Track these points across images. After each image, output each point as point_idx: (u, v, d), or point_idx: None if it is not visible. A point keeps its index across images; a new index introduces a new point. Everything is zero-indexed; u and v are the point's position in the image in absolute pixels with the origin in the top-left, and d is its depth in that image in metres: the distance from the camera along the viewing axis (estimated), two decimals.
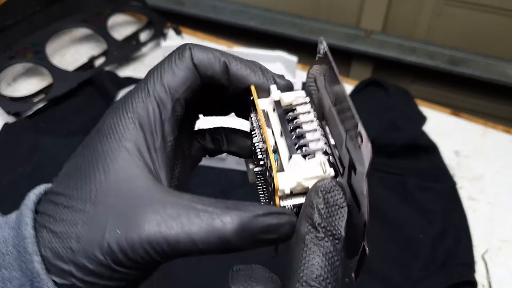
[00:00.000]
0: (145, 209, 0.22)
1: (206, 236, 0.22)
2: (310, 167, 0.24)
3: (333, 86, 0.25)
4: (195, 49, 0.25)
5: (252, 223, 0.22)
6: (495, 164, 0.77)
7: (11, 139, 0.77)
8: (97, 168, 0.23)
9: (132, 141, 0.24)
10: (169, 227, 0.22)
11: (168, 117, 0.25)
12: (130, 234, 0.22)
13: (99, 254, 0.22)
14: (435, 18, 1.11)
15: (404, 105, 0.80)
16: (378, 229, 0.67)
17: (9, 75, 0.89)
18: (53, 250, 0.22)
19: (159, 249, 0.22)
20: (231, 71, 0.26)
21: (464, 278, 0.61)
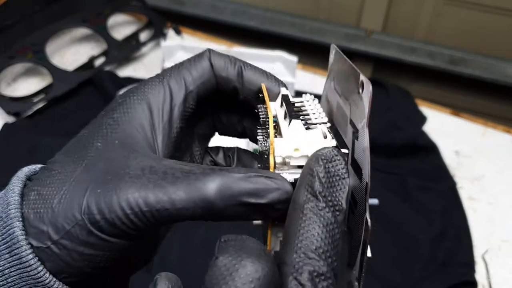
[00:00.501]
0: (128, 174, 0.22)
1: (186, 197, 0.21)
2: (311, 134, 0.23)
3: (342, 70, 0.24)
4: (214, 52, 0.27)
5: (236, 183, 0.21)
6: (495, 164, 0.77)
7: (11, 139, 0.77)
8: (96, 138, 0.24)
9: (136, 117, 0.25)
10: (148, 188, 0.21)
11: (178, 104, 0.25)
12: (109, 194, 0.21)
13: (77, 213, 0.21)
14: (435, 18, 1.11)
15: (404, 105, 0.80)
16: (378, 229, 0.67)
17: (9, 75, 0.89)
18: (36, 211, 0.22)
19: (137, 211, 0.21)
20: (244, 74, 0.27)
21: (464, 278, 0.61)
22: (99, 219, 0.21)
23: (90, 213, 0.21)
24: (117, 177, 0.22)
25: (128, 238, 0.22)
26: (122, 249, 0.22)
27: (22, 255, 0.21)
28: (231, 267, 0.18)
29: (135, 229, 0.22)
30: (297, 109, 0.25)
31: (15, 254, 0.22)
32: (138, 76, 0.90)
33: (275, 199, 0.21)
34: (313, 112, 0.25)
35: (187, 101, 0.26)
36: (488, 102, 1.17)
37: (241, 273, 0.18)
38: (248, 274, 0.18)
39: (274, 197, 0.21)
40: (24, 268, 0.22)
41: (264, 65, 0.92)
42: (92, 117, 0.87)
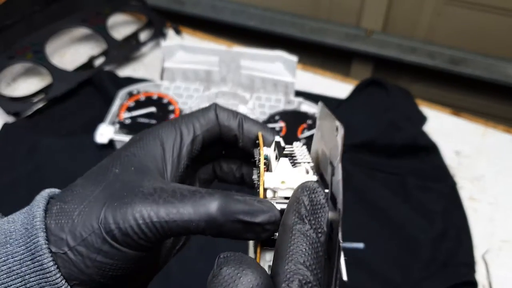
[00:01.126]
0: (142, 192, 0.25)
1: (193, 210, 0.24)
2: (296, 170, 0.28)
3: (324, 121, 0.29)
4: (219, 106, 0.32)
5: (235, 203, 0.25)
6: (496, 164, 0.77)
7: (10, 139, 0.77)
8: (115, 165, 0.28)
9: (150, 151, 0.29)
10: (159, 203, 0.25)
11: (187, 145, 0.30)
12: (124, 206, 0.25)
13: (94, 223, 0.25)
14: (435, 18, 1.11)
15: (405, 105, 0.80)
16: (379, 229, 0.67)
17: (9, 75, 0.89)
18: (57, 221, 0.25)
19: (149, 222, 0.24)
20: (244, 124, 0.31)
21: (465, 278, 0.61)
22: (113, 228, 0.24)
23: (107, 222, 0.24)
24: (132, 193, 0.25)
25: (138, 249, 0.25)
26: (131, 259, 0.25)
27: (43, 262, 0.24)
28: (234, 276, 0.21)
29: (145, 239, 0.25)
30: (287, 152, 0.30)
31: (37, 261, 0.24)
32: (138, 76, 0.90)
33: (265, 220, 0.25)
34: (300, 154, 0.29)
35: (194, 143, 0.30)
36: (489, 102, 1.17)
37: (243, 281, 0.21)
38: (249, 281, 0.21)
39: (265, 218, 0.25)
40: (43, 274, 0.24)
41: (264, 64, 0.92)
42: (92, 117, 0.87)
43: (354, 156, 0.74)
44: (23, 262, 0.24)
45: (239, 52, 0.80)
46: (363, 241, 0.64)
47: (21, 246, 0.25)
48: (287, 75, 0.80)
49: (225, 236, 0.25)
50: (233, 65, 0.80)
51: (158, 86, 0.83)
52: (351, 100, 0.83)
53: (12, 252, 0.25)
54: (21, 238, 0.25)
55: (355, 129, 0.77)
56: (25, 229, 0.25)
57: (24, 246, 0.25)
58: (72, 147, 0.75)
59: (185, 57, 0.84)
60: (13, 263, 0.24)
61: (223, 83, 0.83)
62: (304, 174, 0.27)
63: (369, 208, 0.68)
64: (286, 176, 0.27)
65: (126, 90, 0.81)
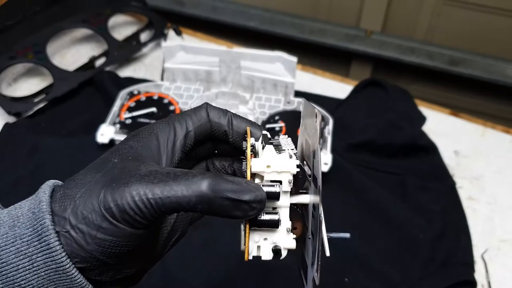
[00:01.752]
0: (139, 173, 0.27)
1: (185, 188, 0.26)
2: (280, 155, 0.30)
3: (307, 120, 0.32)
4: (210, 105, 0.33)
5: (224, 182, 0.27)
6: (495, 164, 0.77)
7: (11, 139, 0.77)
8: (113, 156, 0.30)
9: (146, 144, 0.31)
10: (154, 182, 0.26)
11: (180, 139, 0.32)
12: (122, 186, 0.26)
13: (95, 202, 0.26)
14: (435, 19, 1.12)
15: (404, 105, 0.80)
16: (378, 229, 0.67)
17: (10, 75, 0.89)
18: (61, 204, 0.27)
19: (144, 198, 0.26)
20: (233, 121, 0.33)
21: (464, 277, 0.62)
22: (112, 206, 0.26)
23: (106, 201, 0.26)
24: (129, 175, 0.27)
25: (135, 226, 0.27)
26: (129, 236, 0.27)
27: (50, 242, 0.26)
28: None
29: (141, 216, 0.26)
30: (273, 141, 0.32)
31: (44, 241, 0.26)
32: (138, 76, 0.90)
33: (252, 198, 0.27)
34: (284, 144, 0.32)
35: (187, 138, 0.32)
36: (487, 102, 1.17)
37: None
38: None
39: (251, 196, 0.27)
40: (50, 253, 0.26)
41: (264, 65, 0.92)
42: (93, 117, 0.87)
43: (353, 156, 0.74)
44: (30, 243, 0.26)
45: (239, 52, 0.80)
46: (361, 240, 0.65)
47: (28, 228, 0.26)
48: (287, 75, 0.80)
49: (215, 213, 0.27)
50: (233, 65, 0.81)
51: (159, 86, 0.83)
52: (351, 100, 0.83)
53: (20, 234, 0.26)
54: (28, 221, 0.27)
55: (355, 129, 0.77)
56: (32, 213, 0.27)
57: (31, 228, 0.26)
58: (73, 147, 0.75)
59: (186, 57, 0.84)
60: (21, 244, 0.26)
61: (223, 83, 0.83)
62: (287, 159, 0.30)
63: (369, 208, 0.69)
64: (271, 161, 0.29)
65: (127, 90, 0.81)
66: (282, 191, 0.29)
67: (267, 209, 0.30)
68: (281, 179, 0.29)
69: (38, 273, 0.26)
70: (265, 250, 0.30)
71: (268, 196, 0.28)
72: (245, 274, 0.61)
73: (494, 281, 0.63)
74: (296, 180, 0.30)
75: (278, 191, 0.29)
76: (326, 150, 0.71)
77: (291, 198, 0.31)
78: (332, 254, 0.29)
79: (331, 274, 0.62)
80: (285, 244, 0.30)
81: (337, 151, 0.73)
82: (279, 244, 0.30)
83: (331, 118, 0.75)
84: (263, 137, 0.32)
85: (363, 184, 0.71)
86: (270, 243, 0.30)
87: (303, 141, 0.34)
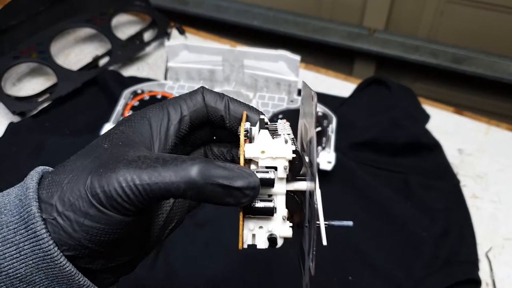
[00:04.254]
0: (126, 159, 0.26)
1: (174, 174, 0.25)
2: (275, 140, 0.29)
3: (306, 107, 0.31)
4: (206, 89, 0.32)
5: (215, 168, 0.26)
6: (499, 162, 0.77)
7: (16, 138, 0.77)
8: (104, 142, 0.29)
9: (138, 129, 0.29)
10: (142, 168, 0.25)
11: (174, 124, 0.30)
12: (109, 172, 0.25)
13: (81, 188, 0.26)
14: (438, 16, 1.11)
15: (407, 103, 0.80)
16: (381, 227, 0.67)
17: (14, 75, 0.90)
18: (48, 191, 0.26)
19: (132, 185, 0.25)
20: (230, 105, 0.32)
21: (468, 276, 0.61)
22: (99, 192, 0.25)
23: (92, 187, 0.25)
24: (117, 161, 0.26)
25: (123, 213, 0.26)
26: (117, 223, 0.26)
27: (36, 229, 0.25)
28: None
29: (129, 202, 0.25)
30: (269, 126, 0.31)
31: (30, 229, 0.25)
32: (142, 75, 0.90)
33: (245, 184, 0.26)
34: (281, 128, 0.31)
35: (181, 122, 0.31)
36: (492, 100, 1.17)
37: None
38: None
39: (244, 183, 0.26)
40: (37, 241, 0.25)
41: (267, 64, 0.92)
42: (97, 117, 0.87)
43: (356, 155, 0.74)
44: (17, 230, 0.25)
45: (242, 51, 0.80)
46: (365, 239, 0.64)
47: (15, 216, 0.26)
48: (290, 74, 0.80)
49: (206, 200, 0.26)
50: (237, 64, 0.81)
51: (162, 85, 0.83)
52: (354, 98, 0.83)
53: (6, 222, 0.26)
54: (15, 209, 0.26)
55: (358, 127, 0.77)
56: (19, 200, 0.26)
57: (18, 215, 0.26)
58: (77, 146, 0.75)
59: (189, 56, 0.84)
60: (8, 232, 0.25)
61: (227, 82, 0.83)
62: (283, 144, 0.28)
63: (372, 206, 0.69)
64: (265, 146, 0.28)
65: (131, 89, 0.81)
66: (277, 178, 0.28)
67: (262, 196, 0.29)
68: (276, 165, 0.28)
69: (26, 262, 0.26)
70: (261, 238, 0.29)
71: (262, 183, 0.27)
72: (249, 272, 0.61)
73: (499, 279, 0.63)
74: (292, 166, 0.29)
75: (273, 178, 0.28)
76: (329, 149, 0.71)
77: (287, 185, 0.29)
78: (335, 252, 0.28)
79: (335, 272, 0.62)
80: (281, 233, 0.29)
81: (340, 149, 0.73)
82: (275, 233, 0.29)
83: (334, 117, 0.75)
84: (259, 121, 0.31)
85: (366, 182, 0.71)
86: (266, 231, 0.29)
87: (302, 128, 0.33)
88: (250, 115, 0.32)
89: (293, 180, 0.30)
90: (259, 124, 0.31)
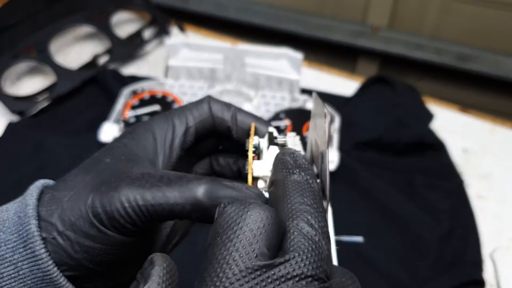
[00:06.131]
0: (130, 177, 0.25)
1: (179, 195, 0.24)
2: None
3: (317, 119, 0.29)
4: (213, 99, 0.31)
5: (222, 188, 0.24)
6: (504, 161, 0.76)
7: (15, 138, 0.77)
8: (106, 156, 0.28)
9: (142, 142, 0.29)
10: (146, 187, 0.24)
11: (179, 136, 0.29)
12: (111, 191, 0.24)
13: (82, 207, 0.25)
14: (443, 14, 1.10)
15: (411, 102, 0.80)
16: (385, 228, 0.66)
17: (13, 74, 0.89)
18: (48, 208, 0.25)
19: (134, 205, 0.24)
20: (238, 116, 0.31)
21: (472, 277, 0.61)
22: (100, 212, 0.24)
23: (94, 206, 0.24)
24: (120, 178, 0.25)
25: (125, 233, 0.25)
26: (119, 244, 0.25)
27: (35, 249, 0.24)
28: (240, 211, 0.20)
29: (132, 223, 0.24)
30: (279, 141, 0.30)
31: (29, 248, 0.24)
32: (142, 74, 0.90)
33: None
34: (291, 144, 0.30)
35: (187, 134, 0.30)
36: (497, 99, 1.16)
37: (252, 214, 0.20)
38: (258, 215, 0.20)
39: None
40: (35, 261, 0.24)
41: (269, 62, 0.91)
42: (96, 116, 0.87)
43: (360, 154, 0.74)
44: (15, 249, 0.25)
45: (243, 49, 0.79)
46: (369, 240, 0.64)
47: (13, 234, 0.25)
48: (292, 72, 0.79)
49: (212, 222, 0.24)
50: (238, 62, 0.80)
51: (163, 84, 0.82)
52: (357, 97, 0.82)
53: (5, 240, 0.25)
54: (14, 226, 0.25)
55: (361, 127, 0.76)
56: (18, 217, 0.25)
57: (16, 234, 0.25)
58: (77, 145, 0.75)
59: (190, 54, 0.83)
60: (6, 250, 0.25)
61: (228, 80, 0.82)
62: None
63: (376, 206, 0.68)
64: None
65: (130, 88, 0.81)
66: None
67: None
68: None
69: (24, 282, 0.25)
70: None
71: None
72: None
73: (503, 280, 0.62)
74: None
75: None
76: (332, 148, 0.70)
77: None
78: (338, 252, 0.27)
79: None
80: None
81: (343, 149, 0.72)
82: None
83: (337, 116, 0.75)
84: (268, 135, 0.30)
85: (370, 182, 0.70)
86: None
87: (313, 141, 0.32)
88: (258, 127, 0.31)
89: None
90: (268, 138, 0.30)
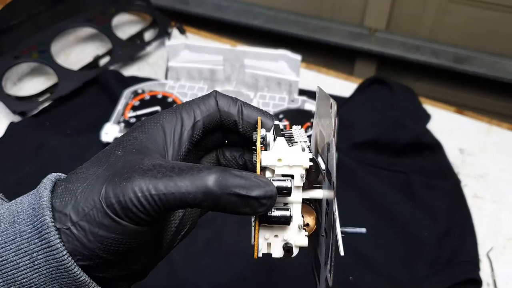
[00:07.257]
0: (142, 168, 0.26)
1: (190, 184, 0.25)
2: (292, 148, 0.28)
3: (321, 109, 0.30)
4: (219, 93, 0.32)
5: (232, 177, 0.25)
6: (500, 162, 0.76)
7: (16, 138, 0.77)
8: (117, 149, 0.28)
9: (152, 135, 0.29)
10: (158, 177, 0.25)
11: (188, 129, 0.30)
12: (124, 181, 0.25)
13: (96, 198, 0.25)
14: (440, 16, 1.11)
15: (408, 103, 0.80)
16: (383, 227, 0.67)
17: (15, 75, 0.90)
18: (62, 199, 0.26)
19: (147, 194, 0.25)
20: (244, 110, 0.32)
21: (469, 276, 0.61)
22: (114, 202, 0.25)
23: (107, 197, 0.25)
24: (132, 170, 0.26)
25: (138, 223, 0.25)
26: (132, 234, 0.26)
27: (50, 239, 0.25)
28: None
29: (145, 212, 0.25)
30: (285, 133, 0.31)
31: (44, 239, 0.25)
32: (142, 75, 0.90)
33: (262, 194, 0.25)
34: (297, 135, 0.31)
35: (195, 128, 0.31)
36: (493, 100, 1.16)
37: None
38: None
39: (261, 192, 0.25)
40: (50, 251, 0.25)
41: (268, 63, 0.92)
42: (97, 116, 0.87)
43: (358, 155, 0.74)
44: (31, 240, 0.25)
45: (243, 51, 0.80)
46: (367, 239, 0.64)
47: (28, 225, 0.25)
48: (291, 73, 0.80)
49: (223, 210, 0.26)
50: (237, 64, 0.80)
51: (163, 85, 0.83)
52: (355, 98, 0.83)
53: (20, 231, 0.25)
54: (28, 218, 0.26)
55: (359, 127, 0.77)
56: (32, 209, 0.26)
57: (31, 224, 0.25)
58: (78, 146, 0.76)
59: (190, 56, 0.84)
60: (21, 241, 0.25)
61: (227, 82, 0.83)
62: (300, 152, 0.28)
63: (373, 206, 0.68)
64: (282, 154, 0.27)
65: (131, 89, 0.81)
66: (294, 186, 0.28)
67: (278, 204, 0.28)
68: (293, 173, 0.28)
69: (40, 271, 0.25)
70: (276, 247, 0.29)
71: (279, 192, 0.26)
72: (250, 272, 0.61)
73: (500, 279, 0.63)
74: (309, 174, 0.28)
75: (290, 186, 0.27)
76: None
77: (303, 193, 0.29)
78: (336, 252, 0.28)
79: (336, 272, 0.62)
80: (297, 242, 0.29)
81: (341, 149, 0.73)
82: (291, 242, 0.29)
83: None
84: (274, 127, 0.31)
85: (367, 182, 0.70)
86: (281, 240, 0.29)
87: (317, 133, 0.32)
88: (264, 121, 0.32)
89: (309, 188, 0.30)
90: (274, 131, 0.30)
